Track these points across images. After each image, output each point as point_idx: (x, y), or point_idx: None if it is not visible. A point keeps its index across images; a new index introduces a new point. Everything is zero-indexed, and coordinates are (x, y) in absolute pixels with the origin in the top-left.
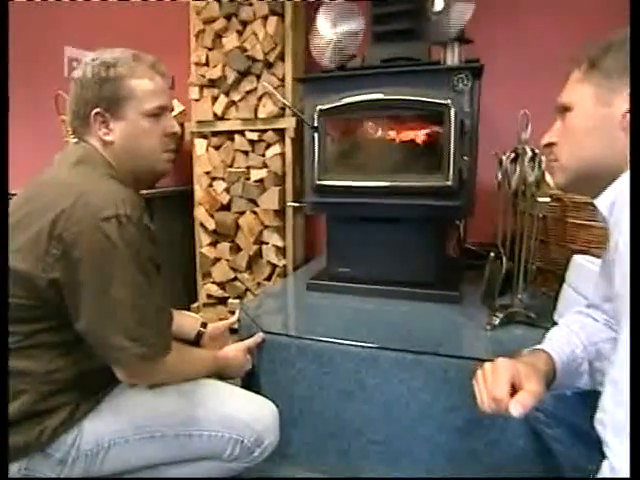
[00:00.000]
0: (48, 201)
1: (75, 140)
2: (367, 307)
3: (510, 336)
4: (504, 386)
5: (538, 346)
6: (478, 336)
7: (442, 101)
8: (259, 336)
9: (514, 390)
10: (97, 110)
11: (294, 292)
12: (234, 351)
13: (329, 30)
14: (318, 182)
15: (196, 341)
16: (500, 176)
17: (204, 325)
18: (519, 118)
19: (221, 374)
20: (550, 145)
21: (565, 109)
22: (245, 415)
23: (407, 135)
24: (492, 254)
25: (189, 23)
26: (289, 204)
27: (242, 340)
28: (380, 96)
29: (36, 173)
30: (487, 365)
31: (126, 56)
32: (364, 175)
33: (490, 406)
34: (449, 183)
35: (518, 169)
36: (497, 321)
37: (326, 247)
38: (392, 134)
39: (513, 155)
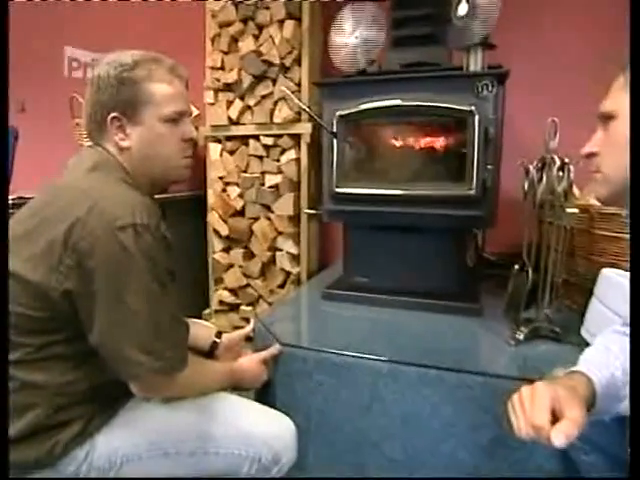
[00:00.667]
0: (62, 208)
1: (89, 144)
2: (385, 318)
3: (535, 352)
4: (544, 413)
5: (575, 368)
6: (502, 351)
7: (466, 108)
8: (275, 348)
9: (554, 417)
10: (114, 114)
11: (310, 301)
12: (250, 363)
13: (351, 34)
14: (336, 189)
15: (210, 352)
16: (527, 186)
17: (219, 335)
18: (547, 126)
19: (236, 386)
20: (591, 155)
21: (608, 117)
22: (263, 432)
23: (428, 142)
24: (516, 266)
25: (204, 26)
26: (305, 211)
27: (257, 351)
28: (402, 102)
29: (40, 176)
30: (524, 389)
31: (145, 58)
32: (383, 183)
33: (529, 434)
34: (472, 192)
35: (545, 179)
36: (522, 336)
37: (343, 255)
38: (413, 141)
39: (540, 164)
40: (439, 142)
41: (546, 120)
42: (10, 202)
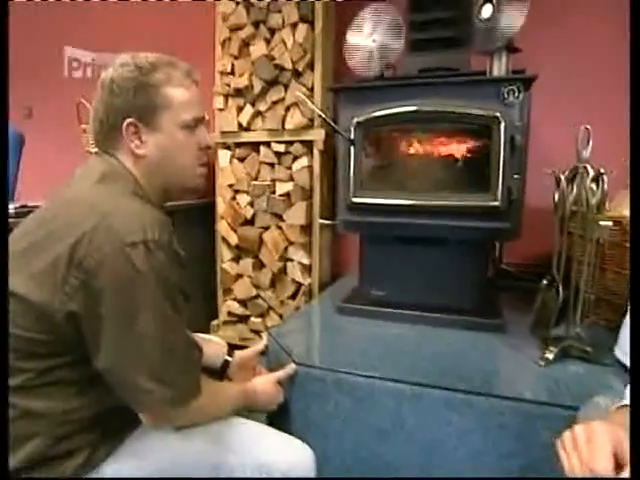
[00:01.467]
0: (67, 224)
1: (96, 152)
2: (404, 334)
3: (566, 373)
4: (607, 459)
5: (625, 401)
6: (531, 372)
7: (492, 114)
8: (290, 367)
9: (615, 461)
10: (130, 120)
11: (323, 315)
12: (264, 384)
13: (368, 36)
14: (353, 199)
15: (222, 370)
16: (557, 197)
17: (231, 353)
18: (579, 133)
19: (250, 409)
20: None
21: None
22: (281, 462)
23: (449, 150)
24: (544, 281)
25: (214, 30)
26: (319, 221)
27: (271, 369)
28: (423, 108)
29: (47, 183)
30: (579, 429)
31: (161, 62)
32: (402, 193)
33: (585, 475)
34: (497, 203)
35: (576, 189)
36: (551, 355)
37: (358, 268)
38: (433, 149)
39: (572, 174)
40: (461, 150)
41: (571, 126)
42: (13, 211)
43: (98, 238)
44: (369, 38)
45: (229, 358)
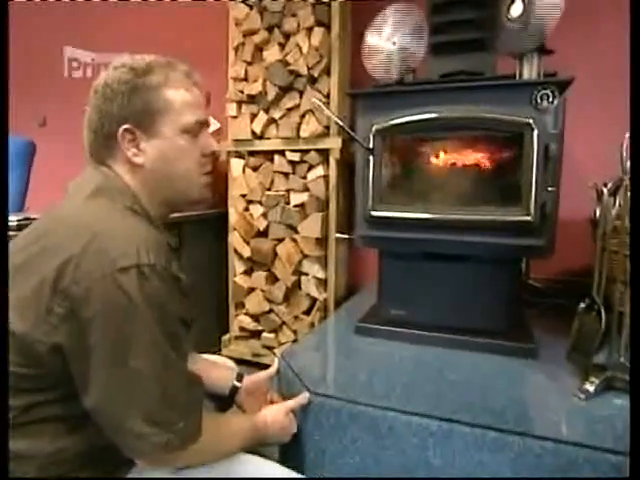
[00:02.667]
0: (55, 244)
1: (92, 164)
2: (427, 359)
3: (611, 409)
4: None
5: None
6: (570, 406)
7: (523, 121)
8: (304, 397)
9: None
10: (126, 126)
11: (340, 336)
12: (276, 415)
13: (388, 39)
14: (372, 212)
15: (230, 397)
16: (598, 211)
17: (240, 378)
18: (624, 142)
19: (261, 443)
20: None
21: None
22: None
23: (476, 160)
24: (583, 304)
25: (228, 35)
26: (336, 235)
27: (282, 396)
28: (446, 114)
29: (55, 194)
30: None
31: (159, 63)
32: (425, 206)
33: None
34: (529, 218)
35: (618, 203)
36: (592, 387)
37: (378, 285)
38: (458, 159)
39: (614, 187)
40: (489, 160)
41: (603, 134)
42: (15, 223)
43: (86, 262)
44: (389, 40)
45: (238, 384)
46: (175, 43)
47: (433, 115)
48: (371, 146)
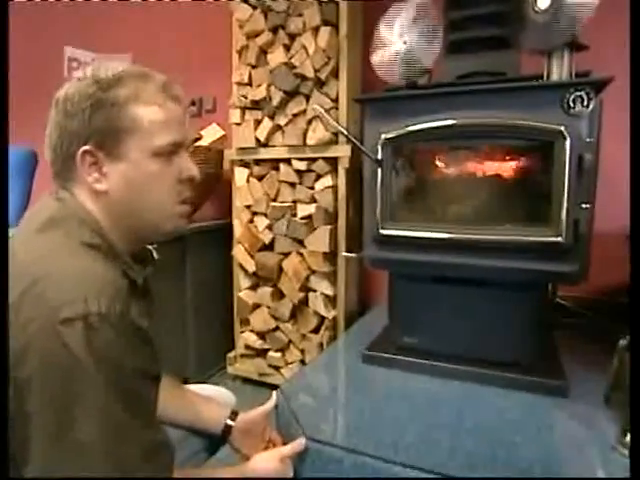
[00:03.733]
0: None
1: (55, 187)
2: (443, 395)
3: None
4: None
5: None
6: (609, 463)
7: (554, 128)
8: (300, 443)
9: None
10: (86, 147)
11: (346, 365)
12: (267, 462)
13: (398, 37)
14: (381, 231)
15: (223, 437)
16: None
17: (234, 416)
18: None
19: None
20: None
21: None
22: None
23: (499, 173)
24: (623, 340)
25: (231, 38)
26: (343, 254)
27: (282, 436)
28: (464, 121)
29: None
30: None
31: (129, 74)
32: (441, 224)
33: None
34: (559, 239)
35: None
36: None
37: (388, 309)
38: (478, 171)
39: None
40: (513, 173)
41: None
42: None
43: (24, 311)
44: (400, 39)
45: (231, 423)
46: (179, 46)
47: (449, 122)
48: (379, 157)
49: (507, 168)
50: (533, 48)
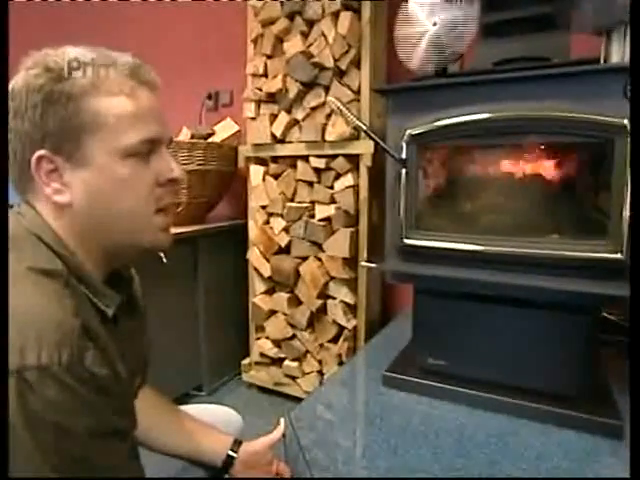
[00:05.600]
0: None
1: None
2: (474, 429)
3: None
4: None
5: None
6: None
7: (615, 121)
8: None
9: None
10: (41, 153)
11: (364, 388)
12: None
13: (425, 19)
14: (405, 241)
15: (224, 469)
16: None
17: (237, 445)
18: None
19: None
20: None
21: None
22: None
23: (544, 176)
24: None
25: (246, 28)
26: (362, 264)
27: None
28: (502, 114)
29: None
30: None
31: (87, 58)
32: (475, 235)
33: None
34: (619, 256)
35: None
36: None
37: (413, 326)
38: (518, 173)
39: None
40: (561, 175)
41: None
42: None
43: None
44: (429, 20)
45: (233, 454)
46: (195, 38)
47: (485, 115)
48: (403, 156)
49: (553, 169)
50: (587, 27)
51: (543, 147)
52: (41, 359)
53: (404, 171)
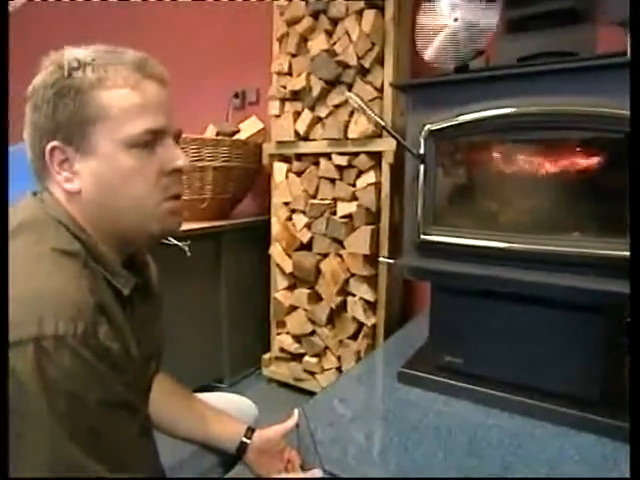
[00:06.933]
0: None
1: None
2: (491, 430)
3: None
4: None
5: None
6: None
7: None
8: (315, 473)
9: None
10: (54, 143)
11: (379, 384)
12: None
13: (447, 13)
14: (423, 237)
15: (238, 455)
16: None
17: (250, 432)
18: None
19: None
20: None
21: None
22: None
23: (566, 172)
24: None
25: (272, 27)
26: (380, 260)
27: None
28: (526, 109)
29: None
30: None
31: (95, 55)
32: (495, 231)
33: None
34: None
35: None
36: None
37: (430, 323)
38: (541, 169)
39: None
40: (586, 172)
41: None
42: None
43: None
44: (451, 15)
45: (246, 441)
46: (222, 38)
47: (508, 110)
48: (422, 152)
49: (578, 167)
50: (614, 20)
51: (566, 143)
52: (58, 330)
53: (422, 167)
